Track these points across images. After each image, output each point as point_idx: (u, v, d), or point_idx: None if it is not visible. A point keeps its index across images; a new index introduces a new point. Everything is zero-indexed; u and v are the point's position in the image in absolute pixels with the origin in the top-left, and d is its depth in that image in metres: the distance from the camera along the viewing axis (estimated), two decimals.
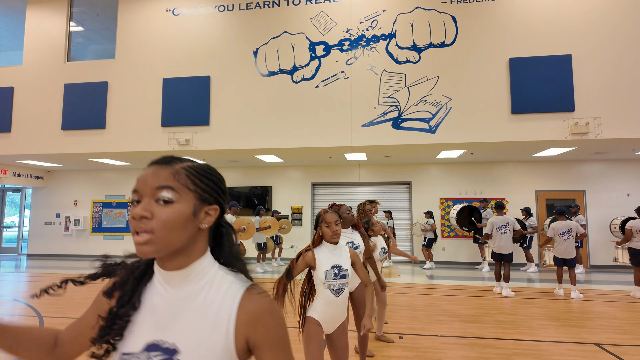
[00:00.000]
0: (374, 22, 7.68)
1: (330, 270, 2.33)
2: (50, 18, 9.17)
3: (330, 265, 2.35)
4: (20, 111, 8.92)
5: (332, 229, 2.38)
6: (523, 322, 4.87)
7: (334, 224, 2.38)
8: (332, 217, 2.40)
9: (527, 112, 7.11)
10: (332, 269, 2.34)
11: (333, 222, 2.38)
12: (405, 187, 10.55)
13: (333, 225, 2.38)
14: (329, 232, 2.38)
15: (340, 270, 2.35)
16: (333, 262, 2.36)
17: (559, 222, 6.50)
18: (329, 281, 2.32)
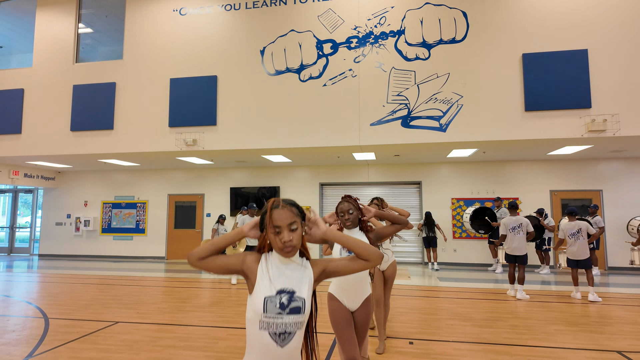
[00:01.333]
0: (383, 18, 7.53)
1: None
2: (60, 20, 9.22)
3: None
4: (30, 113, 8.98)
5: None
6: (539, 327, 4.68)
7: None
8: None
9: (541, 109, 6.88)
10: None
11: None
12: (415, 187, 10.36)
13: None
14: None
15: None
16: None
17: (568, 222, 6.28)
18: None
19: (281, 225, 1.37)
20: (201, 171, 11.41)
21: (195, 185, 11.40)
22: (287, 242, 1.37)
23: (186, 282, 7.69)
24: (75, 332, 4.42)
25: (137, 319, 5.03)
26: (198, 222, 11.29)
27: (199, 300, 6.09)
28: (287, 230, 1.37)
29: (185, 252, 11.23)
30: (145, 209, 11.60)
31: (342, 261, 1.51)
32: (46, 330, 4.54)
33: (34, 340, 4.18)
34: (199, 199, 11.34)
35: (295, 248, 1.40)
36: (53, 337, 4.26)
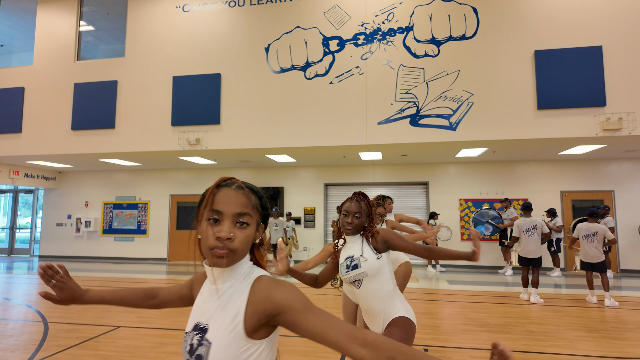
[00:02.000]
0: (391, 14, 7.36)
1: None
2: (61, 18, 9.07)
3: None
4: (30, 111, 8.82)
5: None
6: (557, 333, 4.48)
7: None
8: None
9: (554, 108, 6.70)
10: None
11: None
12: (422, 187, 10.17)
13: None
14: None
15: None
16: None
17: (585, 223, 6.09)
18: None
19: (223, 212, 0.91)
20: (204, 171, 11.24)
21: (198, 185, 11.23)
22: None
23: None
24: (75, 337, 4.24)
25: (139, 323, 4.85)
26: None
27: None
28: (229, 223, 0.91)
29: (187, 254, 11.06)
30: (147, 209, 11.43)
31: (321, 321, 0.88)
32: (45, 335, 4.36)
33: (32, 345, 4.00)
34: None
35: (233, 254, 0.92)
36: (52, 343, 4.08)
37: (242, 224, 0.91)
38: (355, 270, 2.04)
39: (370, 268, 2.03)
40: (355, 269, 2.04)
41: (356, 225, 2.08)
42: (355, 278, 2.06)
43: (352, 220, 2.07)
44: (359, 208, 2.09)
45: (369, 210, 2.11)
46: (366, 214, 2.10)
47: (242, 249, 0.91)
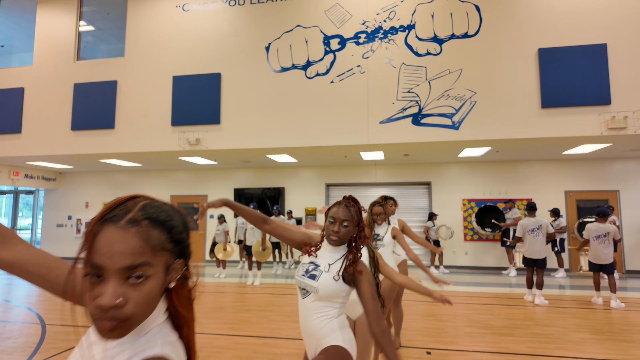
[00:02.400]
0: (392, 13, 7.28)
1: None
2: (60, 18, 9.02)
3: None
4: (30, 112, 8.78)
5: None
6: (563, 336, 4.39)
7: None
8: None
9: (558, 106, 6.60)
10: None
11: None
12: (424, 187, 10.08)
13: None
14: None
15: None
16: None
17: (596, 224, 5.97)
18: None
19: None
20: (204, 172, 11.18)
21: (199, 186, 11.18)
22: None
23: None
24: (73, 340, 4.18)
25: None
26: (201, 224, 11.05)
27: (202, 306, 5.84)
28: None
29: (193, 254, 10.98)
30: None
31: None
32: (43, 337, 4.30)
33: (29, 348, 3.94)
34: (202, 199, 11.11)
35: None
36: (49, 345, 4.02)
37: (138, 277, 0.66)
38: (310, 281, 1.76)
39: (324, 288, 1.72)
40: (312, 279, 1.76)
41: (343, 235, 1.75)
42: (305, 287, 1.78)
43: (339, 228, 1.75)
44: (348, 215, 1.76)
45: (358, 219, 1.80)
46: (355, 222, 1.78)
47: (141, 312, 0.66)
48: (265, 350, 3.89)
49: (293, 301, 6.07)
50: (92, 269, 0.65)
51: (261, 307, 5.65)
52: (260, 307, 5.69)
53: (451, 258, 9.49)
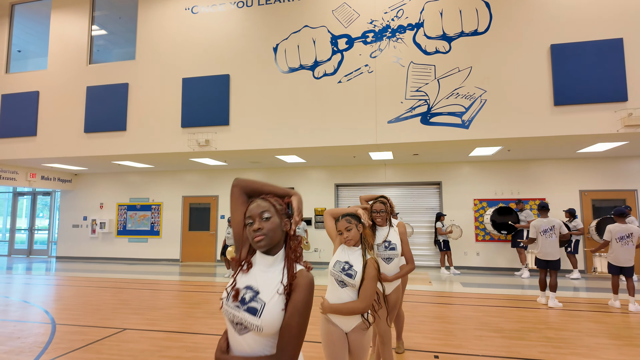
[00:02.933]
0: (400, 11, 7.20)
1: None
2: (73, 22, 9.20)
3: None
4: (45, 115, 8.97)
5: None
6: (577, 340, 4.26)
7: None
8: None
9: (571, 104, 6.43)
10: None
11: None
12: (435, 187, 9.95)
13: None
14: None
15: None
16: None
17: (618, 224, 5.77)
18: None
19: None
20: (215, 172, 11.26)
21: (210, 186, 11.26)
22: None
23: (199, 286, 7.50)
24: (80, 340, 4.24)
25: (145, 325, 4.83)
26: (212, 224, 11.13)
27: (210, 306, 5.86)
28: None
29: (200, 255, 11.09)
30: (160, 211, 11.51)
31: None
32: (51, 337, 4.37)
33: (37, 348, 4.01)
34: (213, 200, 11.19)
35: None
36: (57, 345, 4.08)
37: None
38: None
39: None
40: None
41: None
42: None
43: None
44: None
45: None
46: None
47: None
48: None
49: None
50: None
51: None
52: None
53: (462, 259, 9.34)
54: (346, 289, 2.25)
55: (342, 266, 2.29)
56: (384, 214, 3.19)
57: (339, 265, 2.30)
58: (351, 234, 2.30)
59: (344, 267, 2.29)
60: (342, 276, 2.26)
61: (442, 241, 8.75)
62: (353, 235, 2.30)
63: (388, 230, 3.20)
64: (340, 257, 2.35)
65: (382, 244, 3.15)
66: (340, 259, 2.33)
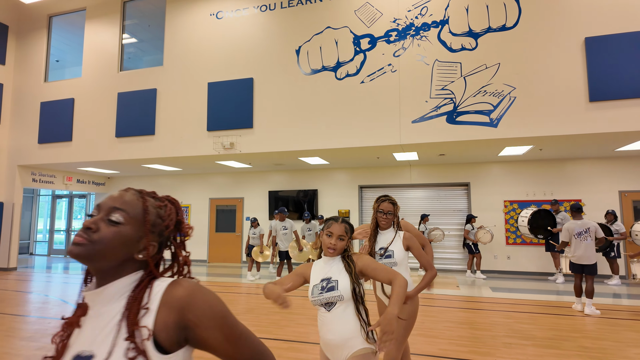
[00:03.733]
0: (424, 9, 7.05)
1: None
2: (106, 31, 9.57)
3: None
4: (79, 121, 9.38)
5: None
6: (616, 351, 4.00)
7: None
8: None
9: (608, 99, 6.09)
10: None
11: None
12: (463, 188, 9.67)
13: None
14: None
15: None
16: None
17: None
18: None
19: None
20: (241, 175, 11.41)
21: (235, 189, 11.42)
22: None
23: (225, 287, 7.59)
24: None
25: None
26: (238, 225, 11.28)
27: (234, 307, 5.91)
28: None
29: (226, 256, 11.25)
30: (188, 213, 11.78)
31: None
32: None
33: None
34: (239, 202, 11.34)
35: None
36: None
37: None
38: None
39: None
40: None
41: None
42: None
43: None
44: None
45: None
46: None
47: None
48: (289, 355, 3.85)
49: None
50: None
51: (291, 310, 5.63)
52: (290, 309, 5.67)
53: (492, 262, 9.01)
54: (336, 308, 1.91)
55: (320, 287, 1.96)
56: (390, 216, 2.75)
57: (317, 289, 1.96)
58: (339, 245, 1.97)
59: (322, 286, 1.96)
60: (325, 296, 1.92)
61: (472, 244, 8.47)
62: (341, 247, 1.98)
63: (394, 236, 2.74)
64: (316, 279, 2.00)
65: (377, 251, 2.72)
66: (316, 282, 1.99)
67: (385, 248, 2.70)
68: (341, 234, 1.98)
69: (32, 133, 9.85)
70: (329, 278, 1.96)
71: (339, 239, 1.98)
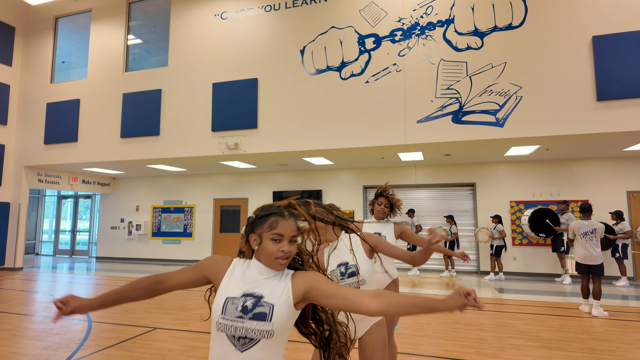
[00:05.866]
0: (429, 8, 7.02)
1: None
2: (111, 32, 9.62)
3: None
4: (85, 121, 9.42)
5: None
6: (626, 353, 3.94)
7: None
8: None
9: (616, 99, 6.03)
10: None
11: None
12: (468, 189, 9.61)
13: None
14: None
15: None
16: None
17: None
18: None
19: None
20: (245, 175, 11.41)
21: (240, 189, 11.42)
22: None
23: None
24: (114, 338, 4.36)
25: (175, 325, 4.92)
26: (242, 226, 11.27)
27: None
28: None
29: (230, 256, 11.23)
30: (192, 213, 11.80)
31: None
32: (87, 334, 4.53)
33: (74, 344, 4.16)
34: (243, 203, 11.34)
35: None
36: (92, 342, 4.22)
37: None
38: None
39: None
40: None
41: None
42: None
43: None
44: None
45: None
46: None
47: None
48: (293, 356, 3.83)
49: None
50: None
51: None
52: None
53: None
54: None
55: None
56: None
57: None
58: None
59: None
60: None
61: (496, 246, 8.34)
62: None
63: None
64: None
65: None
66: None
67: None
68: None
69: (38, 134, 9.91)
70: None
71: None
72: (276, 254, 1.23)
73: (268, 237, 1.24)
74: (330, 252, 2.04)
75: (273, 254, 1.23)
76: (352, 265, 1.97)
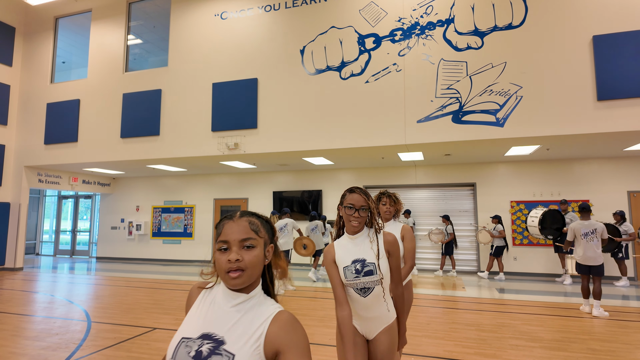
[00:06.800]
0: (429, 7, 7.01)
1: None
2: (111, 32, 9.62)
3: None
4: (85, 121, 9.42)
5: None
6: (626, 353, 3.93)
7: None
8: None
9: (616, 98, 6.02)
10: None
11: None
12: (469, 189, 9.60)
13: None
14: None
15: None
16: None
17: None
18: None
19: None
20: (245, 175, 11.41)
21: (240, 189, 11.42)
22: None
23: None
24: (113, 338, 4.36)
25: (175, 325, 4.91)
26: None
27: None
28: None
29: None
30: (192, 213, 11.79)
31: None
32: (87, 334, 4.53)
33: (73, 344, 4.15)
34: (243, 203, 11.33)
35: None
36: (91, 343, 4.21)
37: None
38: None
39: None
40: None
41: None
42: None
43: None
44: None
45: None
46: None
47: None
48: None
49: (327, 305, 5.97)
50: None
51: (295, 311, 5.60)
52: (295, 311, 5.64)
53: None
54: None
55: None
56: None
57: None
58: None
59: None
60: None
61: (496, 246, 8.29)
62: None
63: None
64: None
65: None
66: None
67: None
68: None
69: (38, 134, 9.92)
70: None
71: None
72: (224, 266, 0.96)
73: (217, 248, 1.00)
74: None
75: (221, 268, 0.97)
76: (371, 263, 1.87)
